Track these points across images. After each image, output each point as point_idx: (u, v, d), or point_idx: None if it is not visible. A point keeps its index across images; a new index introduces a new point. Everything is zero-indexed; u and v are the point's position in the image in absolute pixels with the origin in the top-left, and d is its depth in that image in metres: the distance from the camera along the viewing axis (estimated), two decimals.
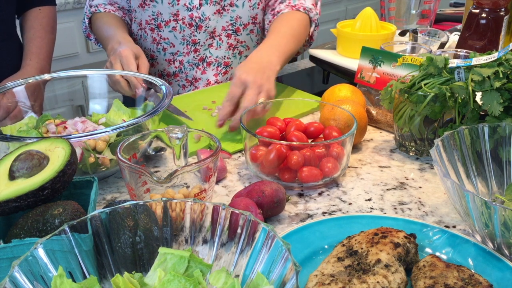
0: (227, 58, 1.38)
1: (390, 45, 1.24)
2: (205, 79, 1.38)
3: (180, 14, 1.30)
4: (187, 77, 1.38)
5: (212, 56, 1.36)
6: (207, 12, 1.30)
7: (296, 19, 1.30)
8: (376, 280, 0.60)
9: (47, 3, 1.50)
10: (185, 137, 0.81)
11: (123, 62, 1.16)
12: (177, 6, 1.29)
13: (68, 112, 1.06)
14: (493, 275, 0.65)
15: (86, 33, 1.45)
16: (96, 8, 1.38)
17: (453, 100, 0.89)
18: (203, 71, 1.37)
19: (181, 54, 1.35)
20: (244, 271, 0.58)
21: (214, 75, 1.38)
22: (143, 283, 0.56)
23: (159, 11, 1.31)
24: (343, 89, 1.07)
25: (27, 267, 0.51)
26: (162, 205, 0.61)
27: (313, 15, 1.34)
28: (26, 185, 0.66)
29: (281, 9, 1.34)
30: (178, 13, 1.30)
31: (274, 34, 1.24)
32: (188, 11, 1.29)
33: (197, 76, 1.38)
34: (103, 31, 1.33)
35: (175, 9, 1.30)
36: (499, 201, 0.79)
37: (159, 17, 1.32)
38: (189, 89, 1.39)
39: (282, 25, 1.27)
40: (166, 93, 0.95)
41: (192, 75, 1.38)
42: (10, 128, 0.96)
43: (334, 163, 0.87)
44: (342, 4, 3.54)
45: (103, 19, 1.37)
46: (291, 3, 1.33)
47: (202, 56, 1.36)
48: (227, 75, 1.40)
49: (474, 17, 1.22)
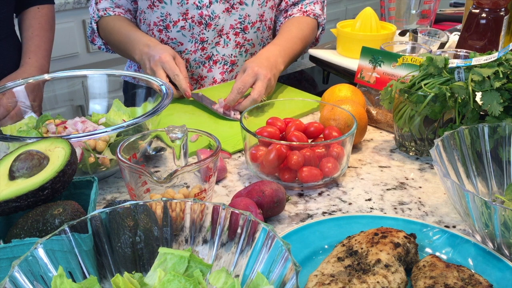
0: (234, 56, 1.38)
1: (390, 45, 1.24)
2: (211, 77, 1.39)
3: (190, 13, 1.30)
4: (193, 75, 1.39)
5: (219, 54, 1.36)
6: (216, 10, 1.30)
7: (306, 23, 1.38)
8: (376, 280, 0.60)
9: (46, 1, 1.50)
10: (185, 137, 0.81)
11: (166, 68, 1.19)
12: (186, 5, 1.29)
13: (68, 112, 1.05)
14: (493, 275, 0.65)
15: (92, 37, 1.43)
16: (105, 12, 1.36)
17: (453, 100, 0.89)
18: (209, 69, 1.38)
19: (188, 52, 1.35)
20: (244, 271, 0.58)
21: (220, 73, 1.38)
22: (143, 283, 0.56)
23: (167, 12, 1.31)
24: (343, 89, 1.07)
25: (27, 267, 0.51)
26: (162, 205, 0.61)
27: (321, 20, 1.43)
28: (26, 185, 0.66)
29: (293, 12, 1.40)
30: (188, 11, 1.30)
31: (284, 36, 1.32)
32: (198, 9, 1.29)
33: (203, 74, 1.38)
34: (120, 35, 1.33)
35: (184, 8, 1.29)
36: (499, 201, 0.79)
37: (167, 18, 1.31)
38: (195, 87, 1.39)
39: (293, 28, 1.35)
40: (166, 93, 0.95)
41: (198, 73, 1.38)
42: (10, 128, 0.96)
43: (334, 163, 0.87)
44: (342, 4, 3.54)
45: (116, 22, 1.35)
46: (303, 8, 1.40)
47: (209, 54, 1.36)
48: (232, 73, 1.40)
49: (474, 17, 1.22)
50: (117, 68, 2.53)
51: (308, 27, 1.38)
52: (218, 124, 1.12)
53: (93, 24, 1.40)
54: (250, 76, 1.15)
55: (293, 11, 1.40)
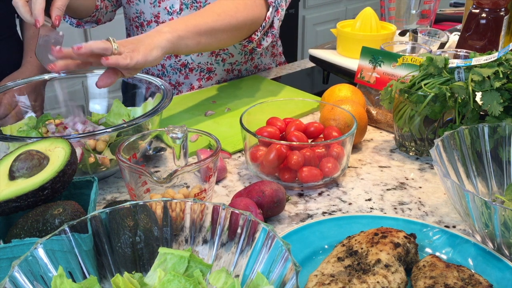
0: (210, 64, 1.35)
1: (390, 45, 1.24)
2: (189, 84, 1.36)
3: (161, 17, 1.27)
4: (170, 81, 1.37)
5: (194, 62, 1.33)
6: None
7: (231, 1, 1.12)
8: (376, 280, 0.60)
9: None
10: (185, 137, 0.81)
11: None
12: (158, 8, 1.26)
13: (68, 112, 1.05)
14: (493, 275, 0.65)
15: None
16: None
17: (453, 100, 0.89)
18: (186, 76, 1.35)
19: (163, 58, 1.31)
20: (244, 271, 0.58)
21: (197, 80, 1.36)
22: (143, 283, 0.56)
23: (141, 9, 1.28)
24: (343, 89, 1.07)
25: (27, 267, 0.51)
26: (162, 205, 0.61)
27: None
28: (26, 185, 0.66)
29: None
30: (159, 15, 1.27)
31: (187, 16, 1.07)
32: (169, 14, 1.26)
33: (180, 81, 1.36)
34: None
35: (156, 10, 1.26)
36: (499, 201, 0.79)
37: (141, 16, 1.29)
38: (173, 92, 1.36)
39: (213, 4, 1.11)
40: (166, 93, 0.95)
41: (175, 79, 1.36)
42: (10, 128, 0.96)
43: (334, 163, 0.87)
44: (342, 4, 3.54)
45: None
46: None
47: (184, 62, 1.33)
48: (211, 80, 1.38)
49: (474, 17, 1.22)
50: None
51: (236, 2, 1.11)
52: (218, 124, 1.12)
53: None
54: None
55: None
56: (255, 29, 1.18)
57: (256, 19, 1.15)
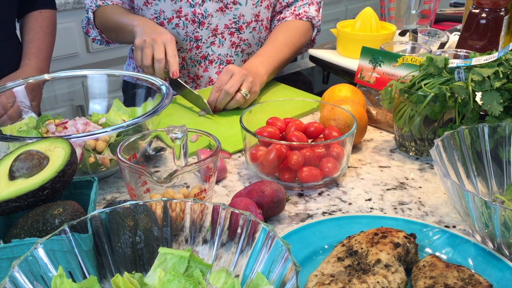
0: (230, 56, 1.38)
1: (390, 45, 1.24)
2: (207, 77, 1.39)
3: (183, 11, 1.30)
4: (189, 74, 1.39)
5: (215, 54, 1.37)
6: (209, 9, 1.30)
7: (296, 28, 1.37)
8: (376, 280, 0.60)
9: (48, 6, 1.50)
10: (185, 137, 0.81)
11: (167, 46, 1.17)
12: (180, 3, 1.30)
13: (68, 112, 1.05)
14: (493, 275, 0.65)
15: (86, 28, 1.42)
16: (103, 1, 1.36)
17: (453, 100, 0.89)
18: (205, 69, 1.38)
19: (183, 51, 1.35)
20: (244, 271, 0.58)
21: (216, 73, 1.38)
22: (143, 283, 0.56)
23: (161, 9, 1.31)
24: (343, 89, 1.07)
25: (27, 267, 0.51)
26: (162, 205, 0.61)
27: (315, 22, 1.41)
28: (26, 185, 0.66)
29: (285, 15, 1.40)
30: (181, 9, 1.30)
31: (269, 45, 1.32)
32: (191, 7, 1.30)
33: (199, 74, 1.38)
34: (119, 16, 1.32)
35: (178, 5, 1.30)
36: (499, 201, 0.79)
37: (161, 15, 1.32)
38: (192, 86, 1.39)
39: (279, 35, 1.34)
40: (166, 93, 0.95)
41: (194, 72, 1.38)
42: (10, 128, 0.96)
43: (334, 163, 0.87)
44: (342, 4, 3.54)
45: (115, 9, 1.35)
46: (296, 11, 1.39)
47: (204, 53, 1.36)
48: None
49: (474, 17, 1.22)
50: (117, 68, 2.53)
51: (298, 32, 1.36)
52: (218, 124, 1.12)
53: (89, 13, 1.39)
54: (225, 74, 1.16)
55: (286, 14, 1.40)
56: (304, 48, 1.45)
57: (307, 41, 1.42)
